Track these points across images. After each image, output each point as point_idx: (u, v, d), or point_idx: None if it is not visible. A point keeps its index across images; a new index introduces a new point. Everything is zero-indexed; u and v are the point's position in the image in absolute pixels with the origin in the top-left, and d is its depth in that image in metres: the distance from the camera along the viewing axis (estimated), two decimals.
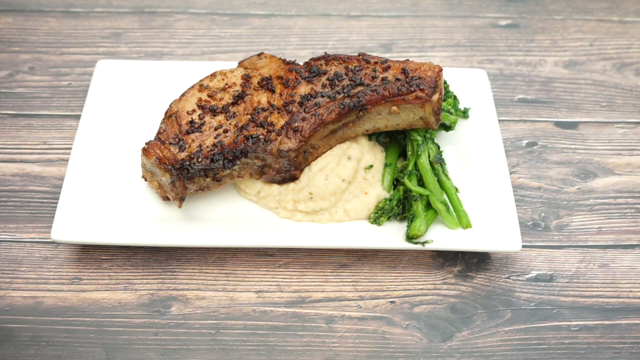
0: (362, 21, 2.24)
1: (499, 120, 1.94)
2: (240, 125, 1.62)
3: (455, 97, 1.83)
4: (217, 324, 1.55)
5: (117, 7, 2.24)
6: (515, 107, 2.01)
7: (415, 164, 1.67)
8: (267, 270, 1.63)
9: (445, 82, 1.81)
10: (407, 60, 1.67)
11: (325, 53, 1.70)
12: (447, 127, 1.79)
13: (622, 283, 1.64)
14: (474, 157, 1.76)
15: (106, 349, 1.51)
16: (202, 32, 2.19)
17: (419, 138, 1.67)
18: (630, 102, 2.02)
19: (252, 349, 1.52)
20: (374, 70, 1.64)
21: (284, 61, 1.71)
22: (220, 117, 1.64)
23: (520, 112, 1.99)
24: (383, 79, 1.63)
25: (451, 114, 1.80)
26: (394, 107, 1.61)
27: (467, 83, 1.90)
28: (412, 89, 1.61)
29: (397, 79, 1.62)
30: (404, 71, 1.63)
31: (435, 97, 1.61)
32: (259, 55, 1.74)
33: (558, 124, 1.96)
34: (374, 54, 2.11)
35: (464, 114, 1.84)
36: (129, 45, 2.14)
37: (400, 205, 1.66)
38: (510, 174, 1.83)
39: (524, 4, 2.30)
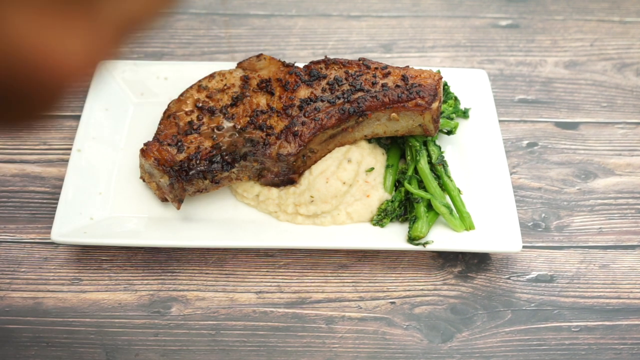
0: (362, 21, 2.24)
1: (500, 121, 1.94)
2: (239, 127, 1.61)
3: (456, 98, 1.82)
4: (217, 325, 1.55)
5: None
6: (516, 107, 2.00)
7: (415, 169, 1.67)
8: (267, 271, 1.63)
9: (445, 83, 1.81)
10: (407, 66, 1.66)
11: (325, 56, 1.69)
12: (449, 132, 1.78)
13: (622, 284, 1.64)
14: (475, 158, 1.76)
15: (106, 349, 1.51)
16: (202, 32, 2.19)
17: (417, 143, 1.66)
18: (631, 103, 2.02)
19: (252, 350, 1.52)
20: (374, 76, 1.64)
21: (283, 63, 1.71)
22: (219, 119, 1.63)
23: (521, 113, 1.99)
24: (383, 85, 1.62)
25: (452, 119, 1.79)
26: (394, 114, 1.61)
27: (468, 83, 1.90)
28: (412, 96, 1.60)
29: (397, 86, 1.61)
30: (403, 78, 1.63)
31: (435, 105, 1.60)
32: (258, 56, 1.73)
33: (558, 125, 1.96)
34: (374, 58, 2.11)
35: (465, 114, 1.84)
36: (128, 45, 2.13)
37: (402, 207, 1.66)
38: (511, 174, 1.82)
39: (524, 4, 2.30)
